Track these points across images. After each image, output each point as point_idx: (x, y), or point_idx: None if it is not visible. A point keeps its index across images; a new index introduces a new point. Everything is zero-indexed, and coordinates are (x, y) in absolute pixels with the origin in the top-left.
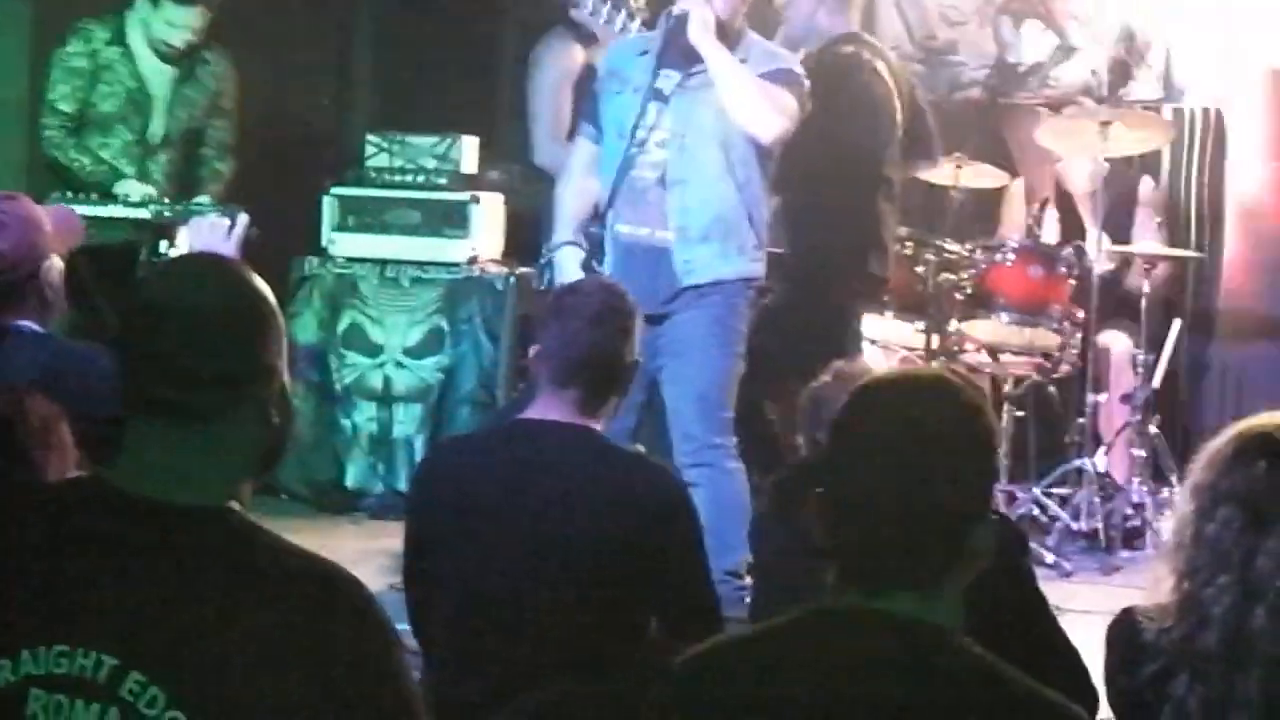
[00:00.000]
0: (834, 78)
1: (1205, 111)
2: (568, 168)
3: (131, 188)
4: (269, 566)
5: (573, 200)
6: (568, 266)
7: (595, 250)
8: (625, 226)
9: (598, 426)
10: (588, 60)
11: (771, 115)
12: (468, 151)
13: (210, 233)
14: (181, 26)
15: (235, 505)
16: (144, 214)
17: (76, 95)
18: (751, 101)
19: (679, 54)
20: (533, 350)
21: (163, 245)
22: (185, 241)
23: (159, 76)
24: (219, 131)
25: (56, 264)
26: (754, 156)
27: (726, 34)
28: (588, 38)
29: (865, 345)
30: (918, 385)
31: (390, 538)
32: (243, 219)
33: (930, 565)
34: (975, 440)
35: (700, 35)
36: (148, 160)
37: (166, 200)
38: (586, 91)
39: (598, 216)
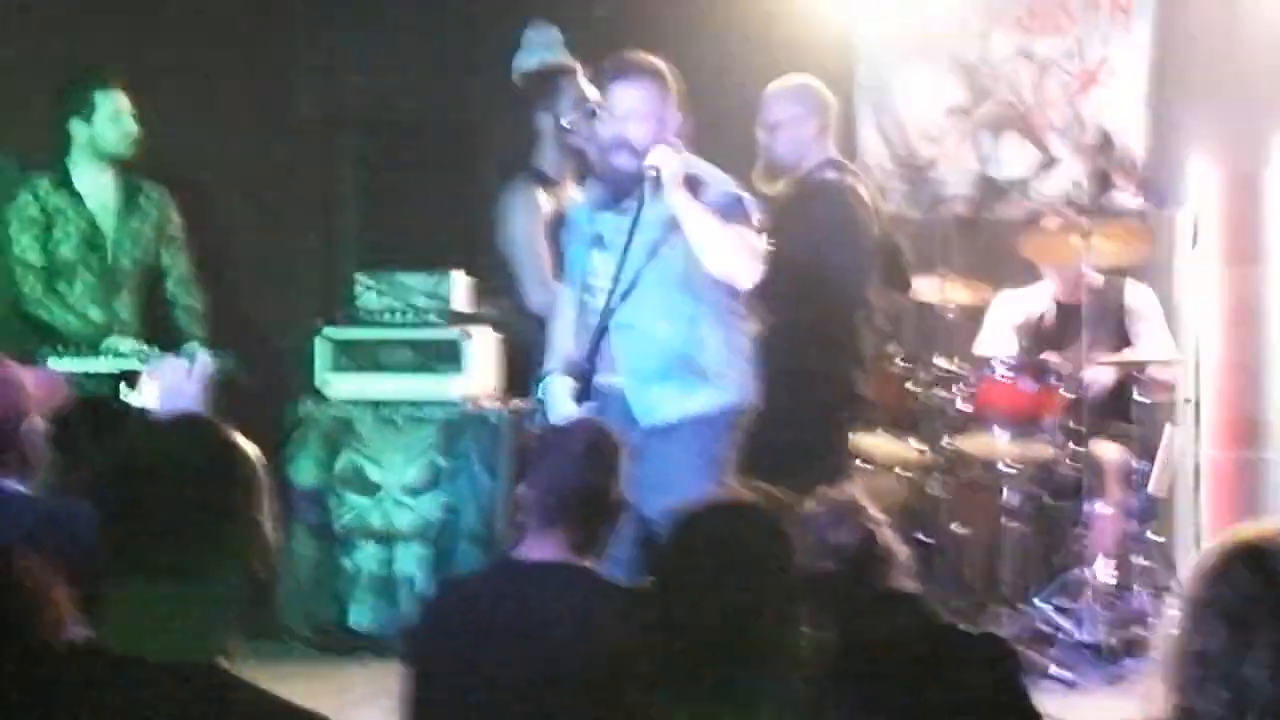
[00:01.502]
0: (817, 202)
1: (1183, 218)
2: (558, 310)
3: (121, 342)
4: None
5: (563, 338)
6: (556, 393)
7: (585, 384)
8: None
9: (588, 563)
10: (554, 204)
11: (748, 263)
12: (458, 287)
13: (172, 374)
14: (122, 112)
15: (221, 660)
16: (131, 365)
17: (39, 243)
18: (728, 254)
19: (611, 196)
20: (520, 489)
21: (129, 391)
22: (149, 385)
23: (107, 214)
24: (175, 263)
25: (37, 423)
26: (703, 290)
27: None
28: (550, 183)
29: (858, 464)
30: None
31: (397, 679)
32: (203, 358)
33: (751, 682)
34: (776, 560)
35: (672, 190)
36: (113, 300)
37: (153, 349)
38: (560, 234)
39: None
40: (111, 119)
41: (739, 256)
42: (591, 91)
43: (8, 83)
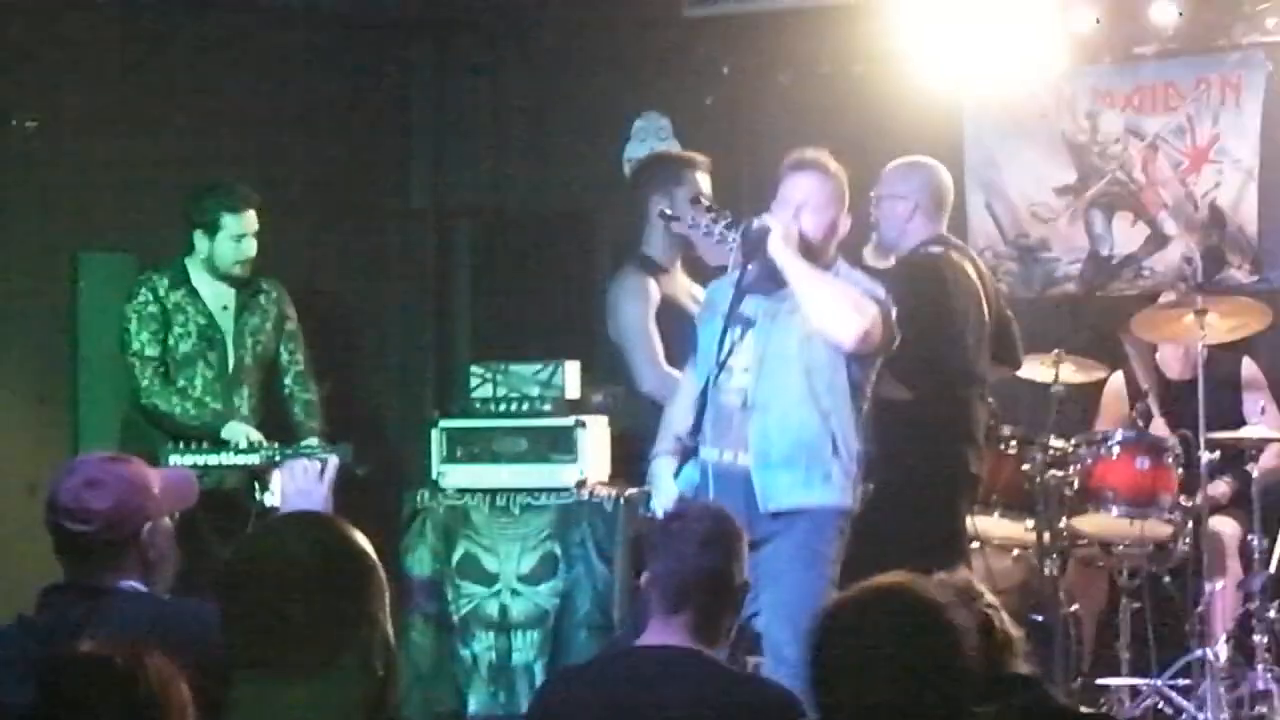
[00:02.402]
0: (913, 278)
1: None
2: (676, 392)
3: (239, 433)
4: None
5: (679, 418)
6: (661, 474)
7: (687, 459)
8: (710, 451)
9: (712, 651)
10: (661, 290)
11: (851, 315)
12: (570, 376)
13: (304, 476)
14: (245, 234)
15: None
16: (254, 459)
17: (158, 339)
18: (830, 304)
19: (765, 279)
20: (644, 576)
21: (260, 492)
22: (279, 485)
23: (224, 311)
24: (293, 358)
25: (164, 525)
26: (843, 384)
27: (814, 255)
28: (658, 270)
29: (974, 546)
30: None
31: None
32: (333, 461)
33: None
34: (936, 645)
35: (779, 247)
36: (231, 394)
37: (276, 445)
38: (669, 320)
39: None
40: (232, 241)
41: (840, 309)
42: (705, 184)
43: (131, 181)
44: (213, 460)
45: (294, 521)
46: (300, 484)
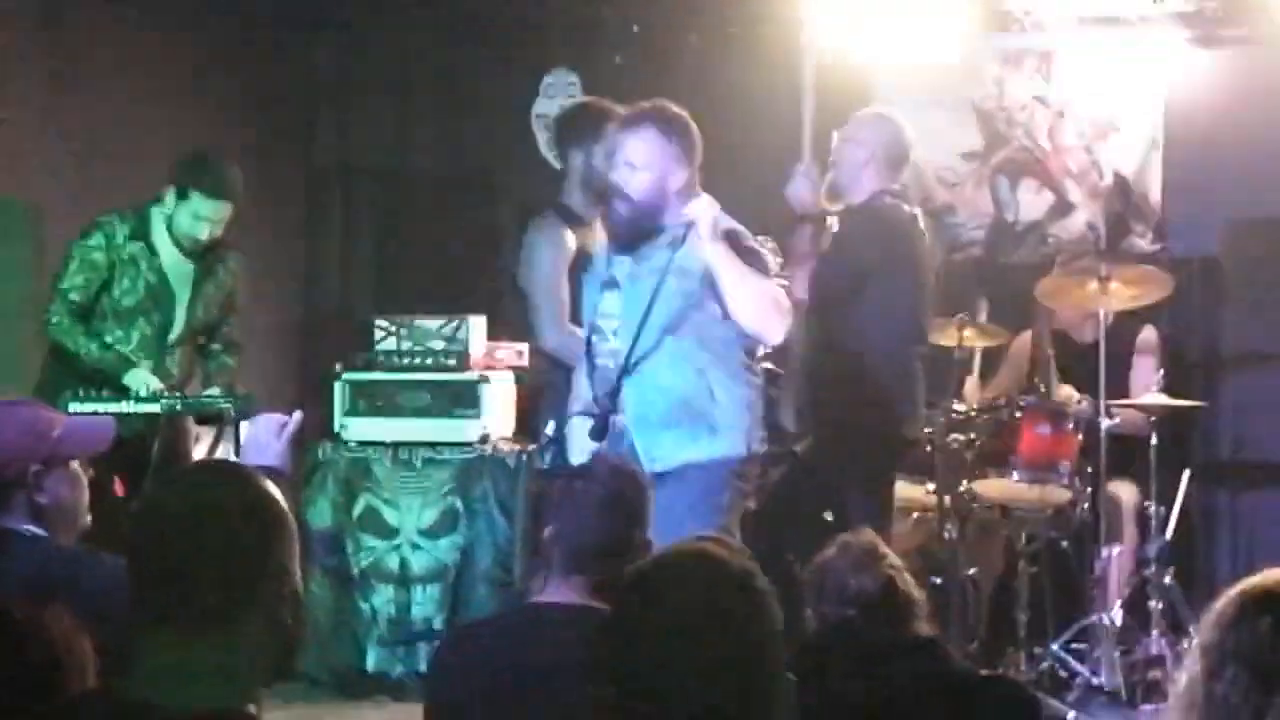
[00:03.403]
0: (882, 232)
1: (1202, 260)
2: (581, 353)
3: (140, 380)
4: None
5: (586, 380)
6: (574, 434)
7: (604, 422)
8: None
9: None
10: (580, 244)
11: (778, 319)
12: (475, 331)
13: (265, 431)
14: (207, 220)
15: (251, 708)
16: (154, 408)
17: (91, 286)
18: (760, 309)
19: (630, 239)
20: (546, 532)
21: (223, 440)
22: (244, 435)
23: (180, 272)
24: (230, 328)
25: (67, 472)
26: (716, 336)
27: (659, 209)
28: (576, 222)
29: None
30: (681, 568)
31: None
32: (297, 416)
33: None
34: (743, 615)
35: (708, 243)
36: (165, 356)
37: (177, 394)
38: (582, 274)
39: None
40: (193, 218)
41: (769, 313)
42: None
43: (27, 131)
44: (113, 408)
45: (203, 473)
46: (260, 437)
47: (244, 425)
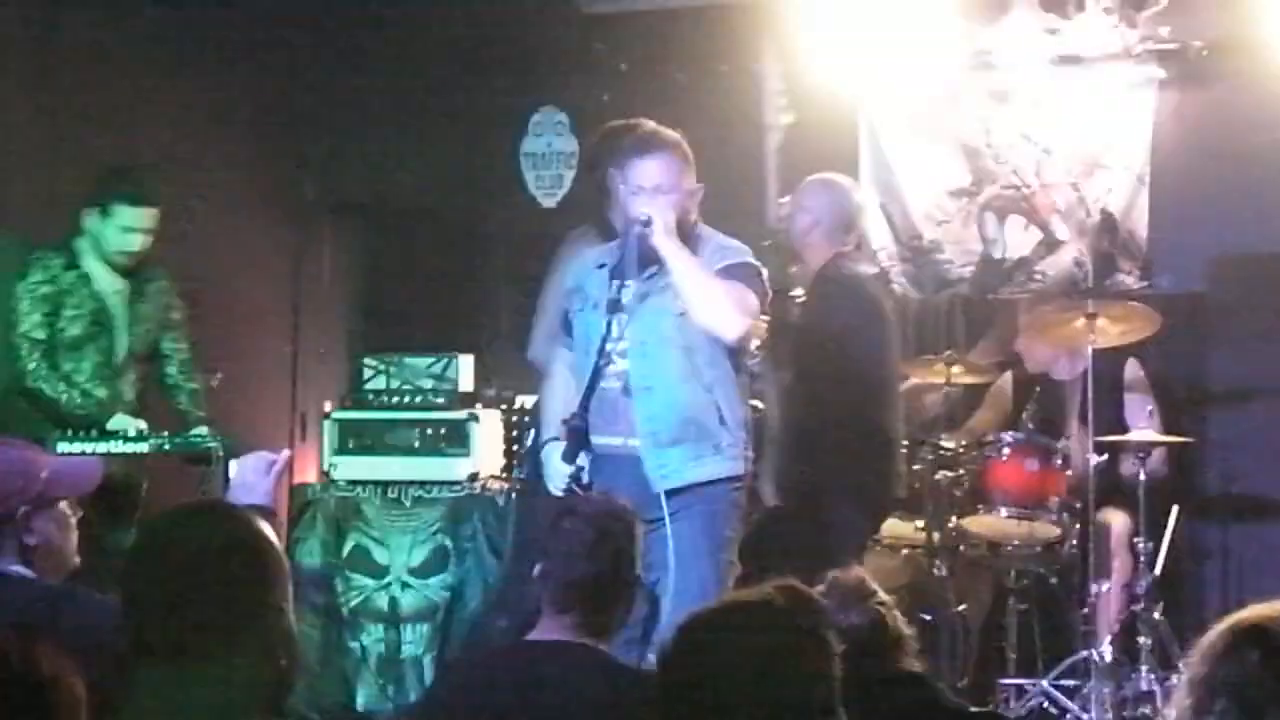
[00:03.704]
0: (844, 296)
1: (1188, 296)
2: (550, 373)
3: (126, 422)
4: None
5: (555, 404)
6: (552, 460)
7: (577, 442)
8: (599, 437)
9: (602, 643)
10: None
11: (734, 315)
12: (464, 370)
13: (254, 470)
14: (137, 230)
15: None
16: (143, 448)
17: (48, 322)
18: (714, 303)
19: (634, 263)
20: (535, 570)
21: (203, 482)
22: (233, 473)
23: (115, 296)
24: (177, 348)
25: (55, 513)
26: (723, 357)
27: (682, 231)
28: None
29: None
30: (744, 615)
31: None
32: (285, 455)
33: None
34: (801, 663)
35: (663, 239)
36: (118, 380)
37: (165, 434)
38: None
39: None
40: (120, 231)
41: (724, 307)
42: None
43: (17, 165)
44: (101, 448)
45: (198, 512)
46: (248, 476)
47: (232, 464)
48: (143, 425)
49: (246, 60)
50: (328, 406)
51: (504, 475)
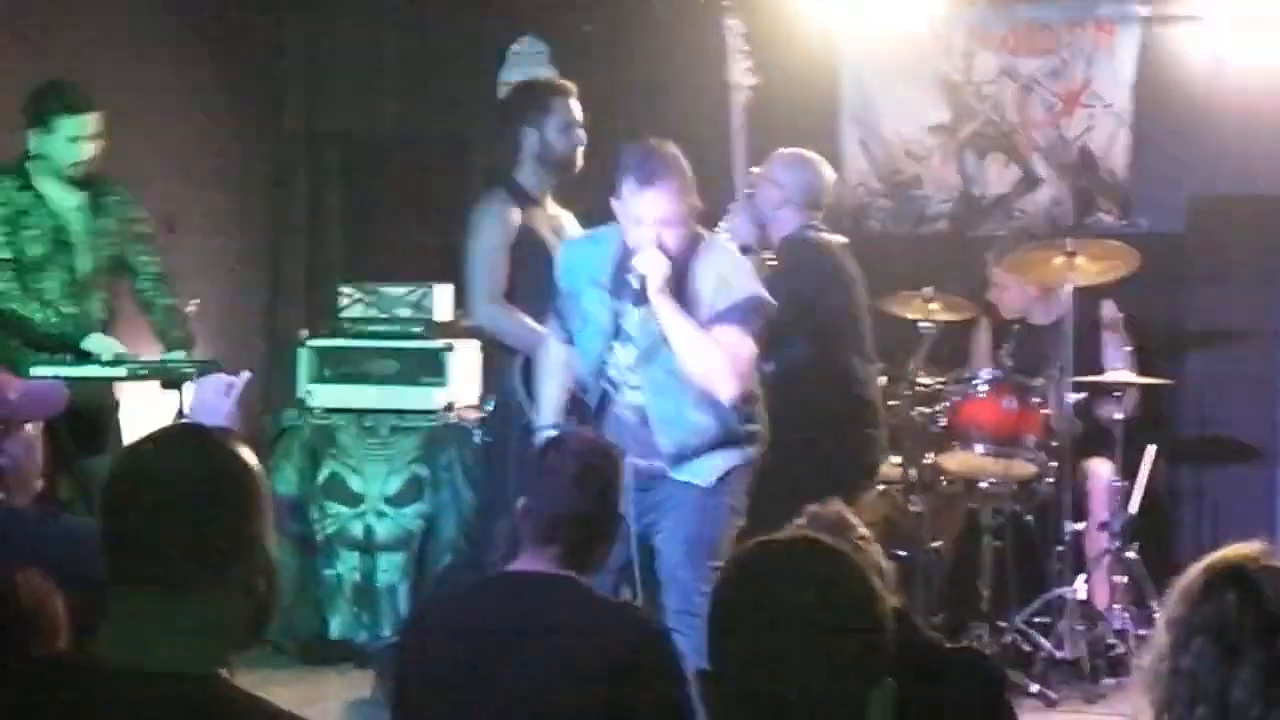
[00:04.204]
0: (808, 263)
1: (1168, 236)
2: (546, 366)
3: (102, 345)
4: None
5: (553, 390)
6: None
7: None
8: None
9: (583, 577)
10: (525, 222)
11: (727, 380)
12: (441, 300)
13: (213, 391)
14: (82, 137)
15: (223, 672)
16: (120, 372)
17: (9, 242)
18: (707, 367)
19: (632, 295)
20: (519, 504)
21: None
22: (188, 398)
23: (73, 213)
24: (147, 261)
25: (23, 435)
26: None
27: (683, 251)
28: (529, 200)
29: None
30: (787, 557)
31: (377, 688)
32: (245, 376)
33: None
34: (851, 605)
35: (657, 297)
36: (86, 299)
37: (142, 358)
38: (525, 253)
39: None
40: (67, 142)
41: (717, 372)
42: (576, 109)
43: None
44: (77, 372)
45: (178, 437)
46: (208, 398)
47: (189, 386)
48: (120, 349)
49: None
50: (304, 334)
51: (479, 406)
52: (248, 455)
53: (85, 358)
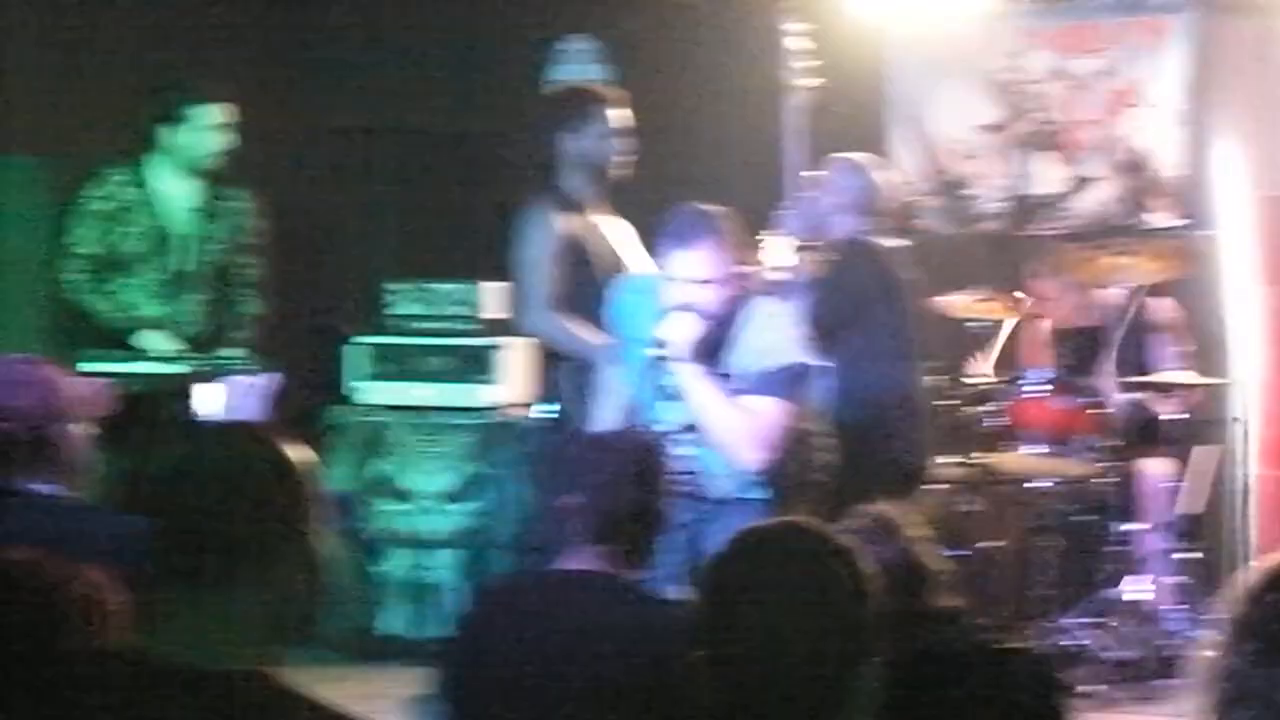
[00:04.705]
0: (867, 261)
1: (1213, 237)
2: (604, 372)
3: (157, 340)
4: None
5: (617, 400)
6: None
7: None
8: None
9: (630, 574)
10: (571, 229)
11: (749, 451)
12: (490, 296)
13: (241, 392)
14: (217, 127)
15: (269, 668)
16: (175, 369)
17: (96, 239)
18: (729, 438)
19: (708, 354)
20: (567, 501)
21: (191, 403)
22: (216, 399)
23: (185, 214)
24: (246, 269)
25: (81, 430)
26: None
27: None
28: (571, 206)
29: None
30: (774, 540)
31: (427, 684)
32: (273, 378)
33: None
34: (835, 584)
35: (678, 365)
36: (177, 299)
37: (196, 354)
38: (572, 261)
39: None
40: (199, 132)
41: (739, 443)
42: (616, 117)
43: (41, 87)
44: (129, 367)
45: (227, 434)
46: (237, 398)
47: (218, 386)
48: (173, 345)
49: None
50: (353, 331)
51: (530, 404)
52: (296, 452)
53: (141, 354)
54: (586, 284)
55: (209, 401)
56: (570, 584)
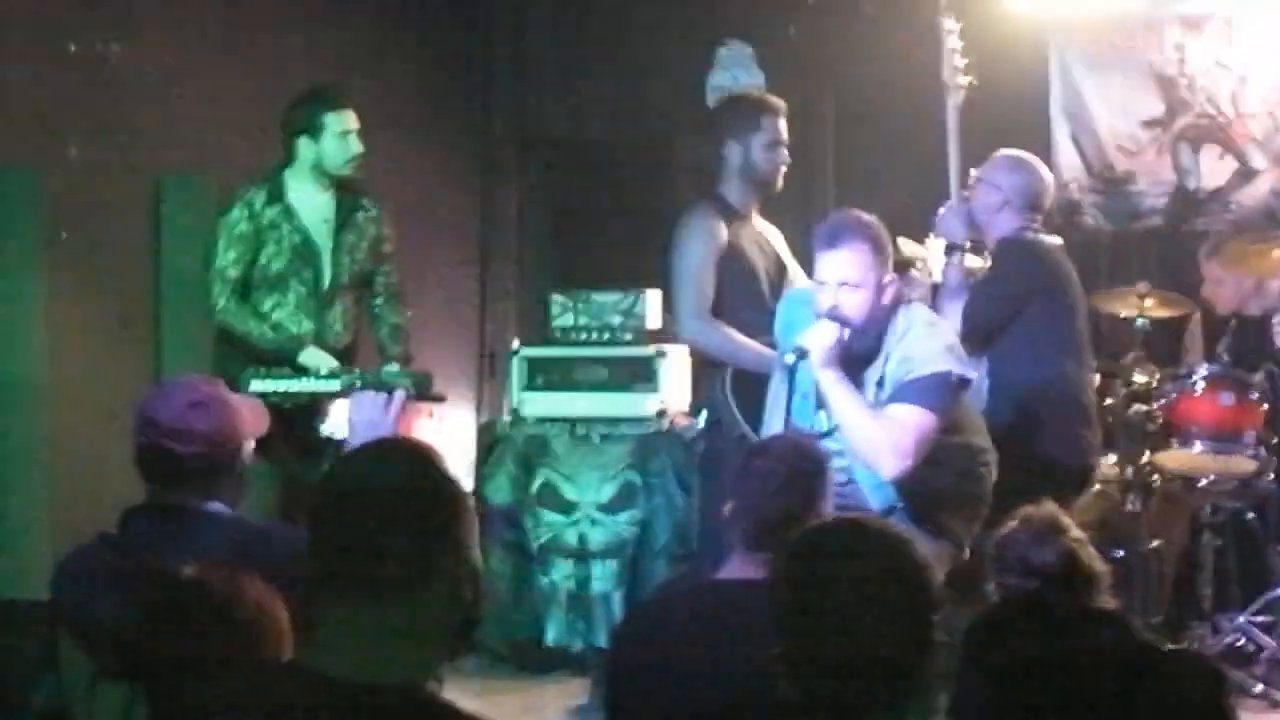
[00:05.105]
0: (1032, 258)
1: None
2: (770, 377)
3: (318, 358)
4: None
5: (780, 410)
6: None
7: None
8: None
9: None
10: (730, 237)
11: (890, 461)
12: (652, 306)
13: (370, 407)
14: (350, 131)
15: (431, 684)
16: (335, 386)
17: (244, 260)
18: (870, 448)
19: (850, 366)
20: (726, 509)
21: (320, 420)
22: (343, 415)
23: (321, 228)
24: (387, 280)
25: (249, 449)
26: None
27: (868, 325)
28: (732, 214)
29: None
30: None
31: (592, 695)
32: (399, 394)
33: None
34: (905, 582)
35: (821, 372)
36: (325, 311)
37: (356, 370)
38: (731, 269)
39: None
40: (339, 139)
41: (880, 453)
42: (782, 128)
43: (213, 105)
44: (294, 386)
45: (385, 449)
46: (367, 415)
47: (343, 403)
48: (334, 363)
49: None
50: (515, 343)
51: (691, 413)
52: (451, 466)
53: (302, 372)
54: (747, 293)
55: (344, 418)
56: (733, 592)
